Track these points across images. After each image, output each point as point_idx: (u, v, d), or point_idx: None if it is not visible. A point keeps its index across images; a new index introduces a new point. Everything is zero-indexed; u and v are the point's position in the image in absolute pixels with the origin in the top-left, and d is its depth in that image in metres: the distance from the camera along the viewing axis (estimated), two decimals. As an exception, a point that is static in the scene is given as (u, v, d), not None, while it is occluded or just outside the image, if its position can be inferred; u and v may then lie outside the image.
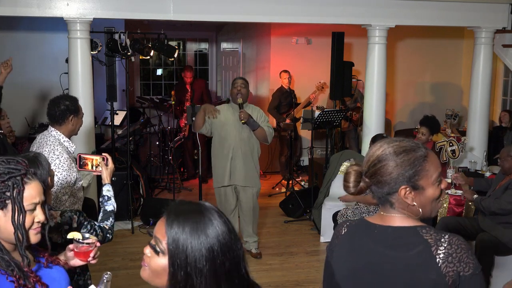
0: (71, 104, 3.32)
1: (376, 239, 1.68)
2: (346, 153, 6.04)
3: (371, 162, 1.70)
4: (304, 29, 8.57)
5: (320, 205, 5.76)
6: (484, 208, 4.23)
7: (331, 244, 1.81)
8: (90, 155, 2.83)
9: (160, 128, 8.11)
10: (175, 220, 1.37)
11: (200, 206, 1.42)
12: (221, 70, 10.89)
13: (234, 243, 1.40)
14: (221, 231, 1.38)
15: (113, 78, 5.98)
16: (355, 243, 1.72)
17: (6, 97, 3.23)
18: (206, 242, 1.35)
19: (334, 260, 1.77)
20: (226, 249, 1.37)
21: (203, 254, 1.34)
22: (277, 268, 5.01)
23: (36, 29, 7.90)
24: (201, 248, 1.34)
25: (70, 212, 2.46)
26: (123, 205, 5.93)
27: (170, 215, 1.39)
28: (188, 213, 1.39)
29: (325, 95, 8.17)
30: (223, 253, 1.36)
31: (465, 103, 8.49)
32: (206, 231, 1.36)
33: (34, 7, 5.33)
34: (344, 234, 1.77)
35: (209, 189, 7.58)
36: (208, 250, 1.35)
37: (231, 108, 5.01)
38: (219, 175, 5.02)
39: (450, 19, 6.50)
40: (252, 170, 5.05)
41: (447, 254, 1.59)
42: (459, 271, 1.58)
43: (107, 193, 2.71)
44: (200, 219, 1.38)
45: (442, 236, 1.62)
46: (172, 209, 1.42)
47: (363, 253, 1.69)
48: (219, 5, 5.85)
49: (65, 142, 3.25)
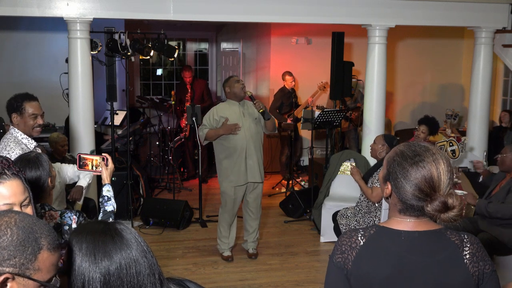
0: (14, 100, 3.31)
1: (404, 246, 1.63)
2: (346, 153, 6.04)
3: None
4: (304, 29, 8.57)
5: (320, 205, 5.76)
6: (490, 214, 4.18)
7: (343, 258, 1.67)
8: (90, 155, 2.83)
9: (160, 128, 8.12)
10: (74, 237, 1.29)
11: (108, 225, 1.33)
12: (221, 70, 10.89)
13: (139, 263, 1.29)
14: (125, 254, 1.28)
15: (113, 78, 5.98)
16: (381, 252, 1.64)
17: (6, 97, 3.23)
18: (103, 265, 1.26)
19: (355, 273, 1.65)
20: (125, 271, 1.27)
21: (97, 276, 1.25)
22: (277, 268, 5.01)
23: (36, 29, 7.90)
24: (95, 270, 1.26)
25: (70, 213, 2.46)
26: (123, 205, 5.94)
27: (73, 233, 1.32)
28: (91, 233, 1.30)
29: (325, 95, 8.17)
30: (121, 277, 1.26)
31: (465, 103, 8.49)
32: (105, 252, 1.26)
33: (34, 7, 5.33)
34: (363, 244, 1.66)
35: (209, 189, 7.59)
36: (104, 273, 1.26)
37: (231, 105, 4.98)
38: (234, 175, 4.93)
39: (450, 19, 6.50)
40: (262, 164, 5.06)
41: (472, 254, 1.61)
42: (482, 269, 1.61)
43: (107, 194, 2.71)
44: (102, 239, 1.28)
45: (463, 237, 1.64)
46: (77, 227, 1.35)
47: (393, 262, 1.62)
48: (219, 5, 5.85)
49: (23, 139, 3.27)
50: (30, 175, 2.39)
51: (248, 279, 4.76)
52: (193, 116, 5.99)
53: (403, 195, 1.63)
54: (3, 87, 7.68)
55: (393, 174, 1.66)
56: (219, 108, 5.03)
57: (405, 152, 1.66)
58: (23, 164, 2.39)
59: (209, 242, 5.57)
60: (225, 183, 4.98)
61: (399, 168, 1.64)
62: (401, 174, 1.63)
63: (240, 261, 5.14)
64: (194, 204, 6.41)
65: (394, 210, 1.69)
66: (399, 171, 1.64)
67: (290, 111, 7.85)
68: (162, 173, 7.91)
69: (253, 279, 4.75)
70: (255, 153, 4.94)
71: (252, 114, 4.99)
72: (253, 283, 4.68)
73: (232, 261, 5.12)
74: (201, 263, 5.06)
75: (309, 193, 6.33)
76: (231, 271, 4.93)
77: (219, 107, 5.06)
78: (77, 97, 5.50)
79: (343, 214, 4.93)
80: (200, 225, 6.10)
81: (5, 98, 3.17)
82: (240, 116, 4.93)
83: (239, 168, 4.91)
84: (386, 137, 4.78)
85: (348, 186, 5.67)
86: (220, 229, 5.15)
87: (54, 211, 2.45)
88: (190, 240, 5.68)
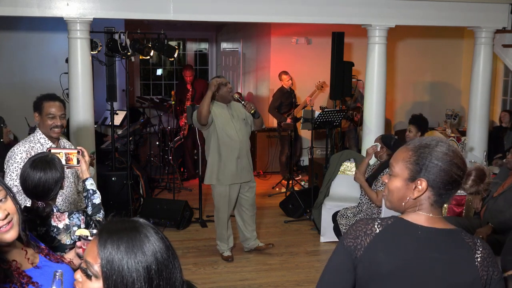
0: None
1: (421, 240, 1.64)
2: (346, 153, 6.04)
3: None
4: (304, 29, 8.57)
5: (320, 205, 5.76)
6: (502, 222, 4.17)
7: (355, 243, 1.67)
8: (63, 149, 2.81)
9: (160, 128, 8.11)
10: (108, 239, 1.27)
11: (135, 222, 1.33)
12: (221, 70, 10.89)
13: (171, 260, 1.31)
14: (158, 248, 1.29)
15: (113, 78, 5.98)
16: (395, 243, 1.66)
17: (6, 97, 3.24)
18: (144, 261, 1.25)
19: (366, 260, 1.65)
20: (164, 267, 1.28)
21: (141, 274, 1.25)
22: (277, 268, 5.01)
23: (36, 29, 7.89)
24: (138, 267, 1.25)
25: (78, 213, 2.48)
26: (123, 205, 5.92)
27: (103, 235, 1.29)
28: (122, 231, 1.29)
29: (325, 95, 8.17)
30: (160, 272, 1.27)
31: (464, 103, 8.49)
32: (143, 249, 1.27)
33: (34, 7, 5.33)
34: (379, 232, 1.66)
35: (209, 189, 7.56)
36: (146, 270, 1.25)
37: (218, 108, 4.97)
38: (228, 174, 4.96)
39: (450, 19, 6.50)
40: (251, 164, 5.13)
41: (483, 258, 1.63)
42: (491, 275, 1.63)
43: (91, 187, 2.72)
44: (136, 236, 1.28)
45: (476, 241, 1.66)
46: (104, 228, 1.31)
47: (407, 254, 1.64)
48: (219, 5, 5.85)
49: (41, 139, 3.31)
50: (52, 177, 2.41)
51: (248, 279, 4.76)
52: (193, 116, 5.97)
53: (442, 178, 1.63)
54: (3, 87, 7.69)
55: (425, 165, 1.65)
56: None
57: (421, 143, 1.68)
58: (42, 166, 2.41)
59: (209, 242, 5.57)
60: (219, 180, 4.99)
61: (428, 156, 1.64)
62: (435, 157, 1.64)
63: (240, 261, 5.14)
64: (194, 204, 6.41)
65: (426, 204, 1.68)
66: (429, 158, 1.64)
67: (289, 110, 7.86)
68: (162, 173, 7.90)
69: (253, 279, 4.75)
70: (246, 154, 5.00)
71: (240, 115, 5.00)
72: (253, 283, 4.68)
73: (232, 261, 5.12)
74: (201, 263, 5.06)
75: (309, 193, 6.33)
76: (231, 271, 4.93)
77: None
78: (77, 97, 5.50)
79: (343, 214, 4.93)
80: (200, 225, 6.11)
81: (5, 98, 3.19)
82: (230, 118, 4.95)
83: (233, 169, 4.94)
84: (383, 138, 4.77)
85: (348, 186, 5.67)
86: (217, 230, 5.17)
87: (62, 212, 2.46)
88: (190, 240, 5.68)
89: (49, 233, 2.37)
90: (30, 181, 2.40)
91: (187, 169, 8.18)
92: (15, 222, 1.65)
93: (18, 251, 1.72)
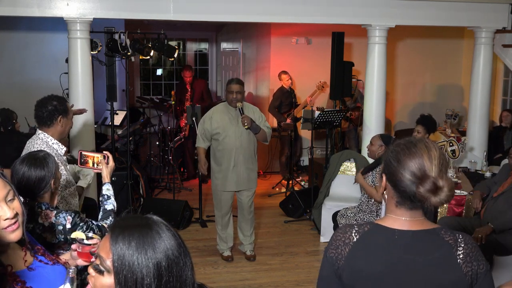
0: (59, 104, 3.16)
1: (399, 245, 1.63)
2: (346, 153, 6.03)
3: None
4: (304, 29, 8.57)
5: (320, 205, 5.76)
6: (503, 223, 4.17)
7: (337, 253, 1.68)
8: (91, 152, 2.82)
9: (160, 128, 8.12)
10: (120, 235, 1.29)
11: (147, 219, 1.34)
12: (221, 70, 10.89)
13: (183, 258, 1.32)
14: (170, 245, 1.30)
15: (113, 78, 5.98)
16: (374, 250, 1.64)
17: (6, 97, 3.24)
18: (154, 257, 1.27)
19: (347, 269, 1.65)
20: (174, 264, 1.29)
21: (151, 270, 1.27)
22: (277, 268, 5.01)
23: (36, 29, 7.90)
24: (148, 263, 1.27)
25: (65, 213, 2.46)
26: (123, 205, 5.93)
27: (115, 230, 1.31)
28: (134, 227, 1.31)
29: (325, 95, 8.18)
30: (171, 269, 1.28)
31: (465, 103, 8.49)
32: (154, 245, 1.28)
33: (34, 7, 5.33)
34: (357, 241, 1.66)
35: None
36: (156, 266, 1.27)
37: (228, 109, 4.97)
38: (221, 181, 4.97)
39: (450, 19, 6.50)
40: (254, 171, 5.07)
41: (465, 254, 1.61)
42: (476, 269, 1.60)
43: (106, 192, 2.71)
44: (147, 233, 1.30)
45: (458, 236, 1.64)
46: (117, 224, 1.33)
47: (385, 260, 1.62)
48: (219, 5, 5.85)
49: (53, 144, 3.11)
50: (35, 174, 2.41)
51: (248, 279, 4.76)
52: (193, 116, 5.98)
53: (398, 182, 1.63)
54: (3, 87, 7.68)
55: (388, 164, 1.68)
56: (215, 111, 5.01)
57: (400, 143, 1.68)
58: (29, 162, 2.42)
59: (209, 242, 5.57)
60: (214, 185, 5.06)
61: (393, 155, 1.66)
62: (396, 161, 1.64)
63: (240, 261, 5.14)
64: (194, 204, 6.41)
65: (391, 204, 1.69)
66: (393, 158, 1.65)
67: (289, 110, 7.86)
68: (162, 173, 7.91)
69: (253, 279, 4.75)
70: (244, 162, 4.94)
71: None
72: (253, 283, 4.68)
73: (232, 261, 5.12)
74: (201, 263, 5.06)
75: (309, 193, 6.33)
76: (231, 271, 4.93)
77: (216, 109, 5.04)
78: (77, 97, 5.50)
79: (343, 214, 4.93)
80: (200, 225, 6.11)
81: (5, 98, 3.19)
82: (231, 122, 4.91)
83: (227, 177, 4.93)
84: (383, 137, 4.76)
85: (348, 186, 5.67)
86: (216, 229, 5.18)
87: (50, 211, 2.45)
88: (190, 240, 5.68)
89: (35, 230, 2.36)
90: (15, 175, 2.41)
91: (187, 169, 8.18)
92: (21, 223, 1.65)
93: (14, 252, 1.71)
